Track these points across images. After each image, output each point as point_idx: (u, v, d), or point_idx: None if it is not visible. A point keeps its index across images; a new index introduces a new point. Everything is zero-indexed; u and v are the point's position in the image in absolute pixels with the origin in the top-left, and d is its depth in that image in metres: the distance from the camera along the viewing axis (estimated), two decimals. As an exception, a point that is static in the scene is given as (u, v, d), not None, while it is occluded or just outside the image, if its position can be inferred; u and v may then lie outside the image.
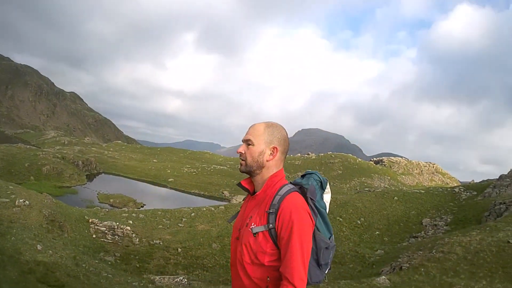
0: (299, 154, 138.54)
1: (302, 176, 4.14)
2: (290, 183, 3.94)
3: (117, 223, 37.58)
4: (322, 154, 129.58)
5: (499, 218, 33.73)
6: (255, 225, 3.66)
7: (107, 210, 47.60)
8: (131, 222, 40.51)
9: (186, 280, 24.34)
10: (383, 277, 21.53)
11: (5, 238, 22.76)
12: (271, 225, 3.56)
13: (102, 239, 34.81)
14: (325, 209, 3.97)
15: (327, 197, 4.08)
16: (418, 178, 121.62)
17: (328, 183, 4.13)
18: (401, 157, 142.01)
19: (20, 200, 31.83)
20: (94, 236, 34.88)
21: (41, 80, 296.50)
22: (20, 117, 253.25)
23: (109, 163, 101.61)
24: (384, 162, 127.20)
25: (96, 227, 36.31)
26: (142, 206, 63.63)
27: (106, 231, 36.03)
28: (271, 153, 3.84)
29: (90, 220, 37.19)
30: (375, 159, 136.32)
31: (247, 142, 3.85)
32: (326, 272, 3.82)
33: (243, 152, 3.86)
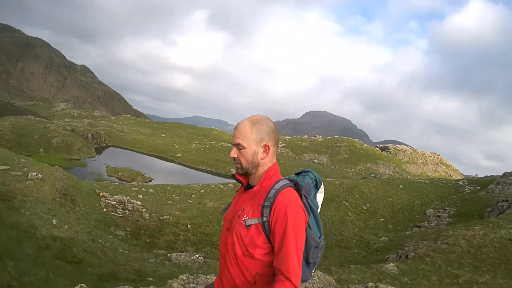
0: (306, 136, 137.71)
1: (297, 174, 3.97)
2: (285, 179, 3.81)
3: (128, 198, 37.86)
4: (329, 137, 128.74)
5: (501, 215, 34.02)
6: (247, 218, 3.59)
7: (117, 184, 47.93)
8: (141, 196, 40.78)
9: (202, 258, 24.57)
10: (392, 264, 22.01)
11: (19, 212, 22.97)
12: (265, 218, 3.49)
13: (112, 213, 35.10)
14: (317, 208, 3.83)
15: (320, 197, 3.94)
16: (423, 167, 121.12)
17: (322, 183, 3.97)
18: (407, 145, 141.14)
19: (33, 173, 32.01)
20: (105, 210, 35.18)
21: (52, 53, 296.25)
22: (30, 89, 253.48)
23: (118, 136, 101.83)
24: (389, 149, 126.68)
25: (106, 201, 36.58)
26: (150, 181, 63.99)
27: (116, 205, 36.31)
28: (264, 151, 3.69)
29: (100, 194, 37.46)
30: (381, 145, 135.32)
31: (238, 146, 3.70)
32: (313, 271, 3.78)
33: (236, 156, 3.72)
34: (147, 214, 36.53)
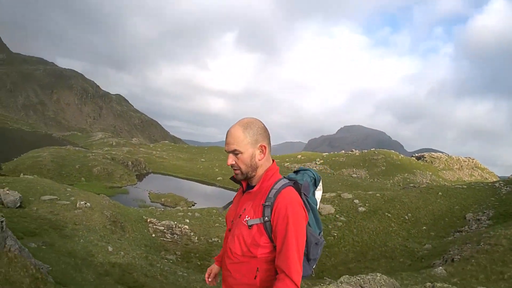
0: (343, 151, 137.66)
1: (296, 172, 4.09)
2: (284, 177, 3.90)
3: (175, 222, 38.09)
4: (366, 151, 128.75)
5: (538, 212, 34.23)
6: (249, 218, 3.66)
7: (162, 209, 48.24)
8: (187, 221, 40.95)
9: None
10: (440, 268, 22.74)
11: (73, 240, 23.08)
12: (266, 218, 3.57)
13: (161, 238, 35.22)
14: (316, 205, 3.94)
15: (318, 194, 4.05)
16: (458, 173, 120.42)
17: (321, 181, 4.11)
18: (442, 152, 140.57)
19: (81, 202, 32.34)
20: (153, 235, 35.34)
21: (86, 83, 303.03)
22: (66, 120, 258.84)
23: (157, 163, 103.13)
24: (425, 157, 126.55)
25: (154, 226, 36.79)
26: (193, 205, 64.14)
27: (164, 230, 36.50)
28: (261, 151, 3.78)
29: (148, 220, 37.74)
30: (416, 155, 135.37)
31: (234, 152, 3.75)
32: (313, 267, 3.87)
33: (234, 163, 3.78)
34: (196, 238, 36.59)
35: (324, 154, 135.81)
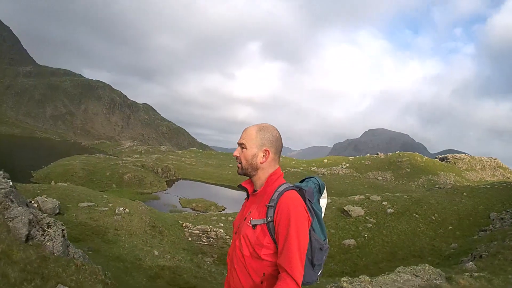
0: (368, 154, 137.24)
1: (301, 181, 4.19)
2: (288, 183, 4.03)
3: (210, 226, 38.73)
4: (391, 154, 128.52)
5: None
6: (253, 218, 3.78)
7: (196, 214, 48.77)
8: (222, 225, 41.47)
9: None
10: (470, 263, 23.68)
11: (118, 245, 23.92)
12: (269, 219, 3.67)
13: (198, 242, 35.93)
14: (321, 212, 4.05)
15: (323, 201, 4.16)
16: (481, 173, 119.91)
17: (325, 188, 4.22)
18: (464, 153, 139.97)
19: (120, 209, 33.21)
20: (189, 239, 36.06)
21: (113, 94, 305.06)
22: (95, 129, 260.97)
23: (187, 169, 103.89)
24: (449, 159, 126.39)
25: (190, 230, 37.54)
26: (223, 209, 64.39)
27: (200, 234, 37.22)
28: (263, 155, 3.93)
29: (184, 225, 38.42)
30: (440, 156, 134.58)
31: (241, 145, 3.96)
32: (318, 273, 3.93)
33: (238, 155, 3.98)
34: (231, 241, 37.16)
35: (350, 157, 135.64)
